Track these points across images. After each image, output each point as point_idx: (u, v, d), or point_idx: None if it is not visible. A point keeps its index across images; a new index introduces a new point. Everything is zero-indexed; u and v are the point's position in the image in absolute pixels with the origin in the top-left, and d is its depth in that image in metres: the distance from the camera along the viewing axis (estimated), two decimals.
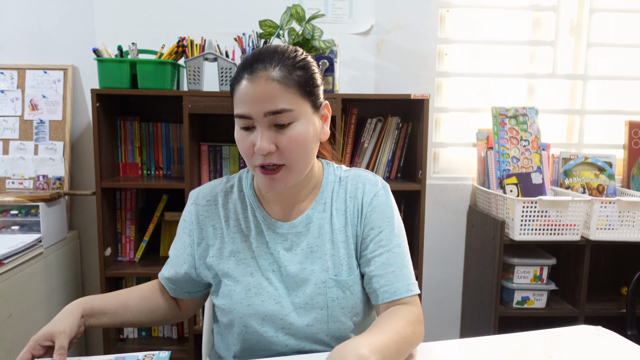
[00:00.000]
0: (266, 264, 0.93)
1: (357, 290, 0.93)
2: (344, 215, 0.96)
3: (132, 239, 1.99)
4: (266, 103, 0.82)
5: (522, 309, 1.91)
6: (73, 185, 2.07)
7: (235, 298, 0.91)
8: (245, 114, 0.84)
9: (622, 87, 2.28)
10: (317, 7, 2.03)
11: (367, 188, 0.97)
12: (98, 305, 0.93)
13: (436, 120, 2.23)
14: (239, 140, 0.87)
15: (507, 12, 2.20)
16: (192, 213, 0.98)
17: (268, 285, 0.92)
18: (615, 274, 2.20)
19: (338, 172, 1.01)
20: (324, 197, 0.97)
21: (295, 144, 0.85)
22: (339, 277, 0.92)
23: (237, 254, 0.94)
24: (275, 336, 0.91)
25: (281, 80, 0.83)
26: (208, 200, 0.98)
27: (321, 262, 0.92)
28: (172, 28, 2.01)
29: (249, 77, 0.84)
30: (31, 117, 2.00)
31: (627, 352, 0.90)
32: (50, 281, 1.85)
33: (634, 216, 1.83)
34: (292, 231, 0.95)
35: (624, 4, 2.21)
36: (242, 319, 0.91)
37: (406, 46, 2.12)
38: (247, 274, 0.93)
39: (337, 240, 0.94)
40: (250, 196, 0.98)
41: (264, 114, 0.83)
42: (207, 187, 1.01)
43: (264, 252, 0.94)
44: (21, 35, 2.01)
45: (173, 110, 1.97)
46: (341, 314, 0.91)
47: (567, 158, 2.08)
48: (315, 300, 0.91)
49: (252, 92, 0.83)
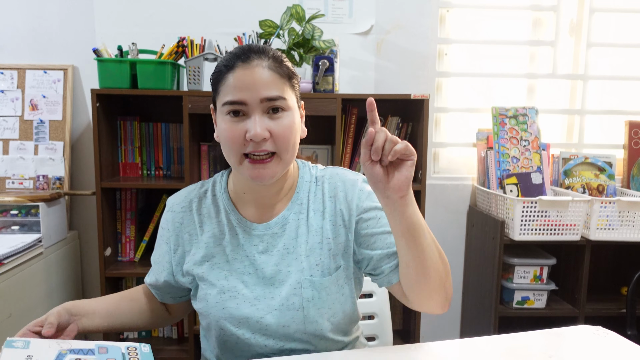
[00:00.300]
0: (241, 266, 0.93)
1: (334, 291, 0.92)
2: (321, 216, 0.94)
3: (132, 239, 1.99)
4: (262, 89, 0.84)
5: (522, 309, 1.91)
6: (73, 185, 2.07)
7: (211, 302, 0.92)
8: (240, 99, 0.84)
9: (622, 87, 2.28)
10: (317, 7, 2.03)
11: (348, 187, 0.95)
12: (84, 305, 0.93)
13: (436, 120, 2.23)
14: (226, 129, 0.86)
15: (507, 12, 2.20)
16: (168, 221, 0.98)
17: (243, 289, 0.92)
18: (615, 274, 2.19)
19: (314, 172, 1.00)
20: (299, 198, 0.96)
21: (288, 131, 0.86)
22: (314, 278, 0.91)
23: (212, 259, 0.94)
24: (253, 337, 0.91)
25: (275, 69, 0.87)
26: (183, 207, 0.98)
27: (297, 263, 0.92)
28: (172, 28, 2.01)
29: (244, 64, 0.85)
30: (31, 117, 2.00)
31: (627, 352, 0.90)
32: (50, 281, 1.85)
33: (634, 216, 1.83)
34: (268, 232, 0.94)
35: (624, 4, 2.21)
36: (219, 322, 0.91)
37: (406, 46, 2.12)
38: (221, 278, 0.92)
39: (313, 241, 0.93)
40: (224, 200, 0.97)
41: (260, 99, 0.84)
42: (182, 194, 1.00)
43: (238, 255, 0.94)
44: (21, 35, 2.01)
45: (173, 110, 1.97)
46: (317, 314, 0.90)
47: (567, 158, 2.08)
48: (290, 302, 0.90)
49: (250, 78, 0.84)
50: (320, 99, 1.78)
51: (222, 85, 0.87)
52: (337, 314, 0.93)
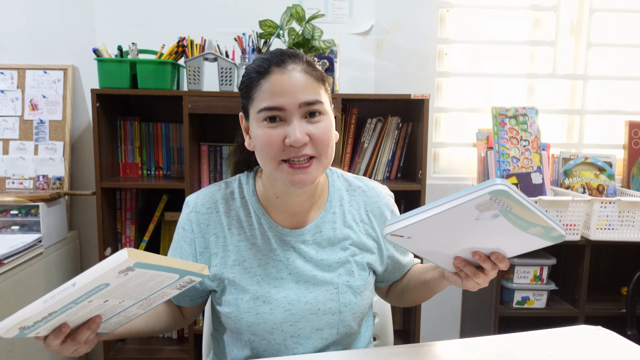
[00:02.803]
0: (274, 271, 0.92)
1: (367, 296, 0.96)
2: (356, 225, 0.97)
3: (132, 239, 1.99)
4: (300, 94, 0.83)
5: (522, 309, 1.91)
6: (73, 185, 2.07)
7: (242, 307, 0.90)
8: (278, 105, 0.82)
9: (622, 87, 2.28)
10: (317, 7, 2.03)
11: (382, 204, 1.01)
12: None
13: (436, 120, 2.23)
14: (263, 135, 0.84)
15: (507, 12, 2.20)
16: (192, 221, 0.94)
17: (277, 293, 0.91)
18: (615, 274, 2.19)
19: (346, 178, 1.01)
20: (332, 206, 0.96)
21: (327, 135, 0.85)
22: (352, 283, 0.93)
23: (243, 263, 0.92)
24: (284, 344, 0.91)
25: (310, 73, 0.85)
26: (208, 208, 0.94)
27: (332, 269, 0.93)
28: (172, 28, 2.01)
29: (280, 69, 0.83)
30: (31, 117, 2.00)
31: (627, 352, 0.90)
32: (50, 281, 1.85)
33: (634, 216, 1.83)
34: (300, 239, 0.93)
35: (624, 4, 2.21)
36: (250, 328, 0.90)
37: (406, 46, 2.12)
38: (253, 283, 0.91)
39: (347, 248, 0.95)
40: (254, 203, 0.95)
41: (299, 104, 0.83)
42: (205, 194, 0.97)
43: (271, 259, 0.92)
44: (21, 35, 2.01)
45: (173, 110, 1.97)
46: (351, 318, 0.93)
47: (567, 158, 2.08)
48: (327, 306, 0.91)
49: (288, 83, 0.83)
50: None
51: (256, 91, 0.85)
52: (363, 317, 0.99)
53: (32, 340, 1.72)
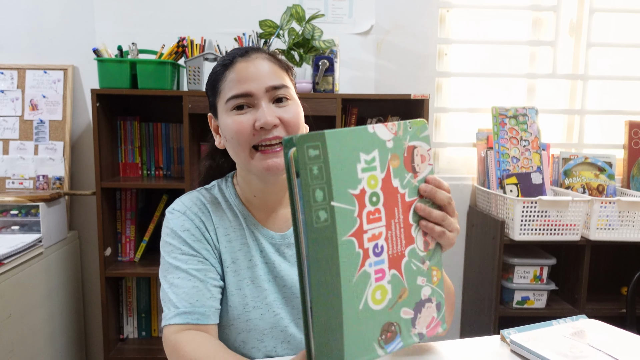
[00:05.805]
0: (262, 273, 0.90)
1: None
2: None
3: (132, 239, 1.99)
4: (266, 79, 0.85)
5: (522, 309, 1.91)
6: (73, 185, 2.07)
7: (233, 313, 0.88)
8: (245, 91, 0.84)
9: (622, 87, 2.28)
10: (317, 7, 2.03)
11: None
12: None
13: (436, 120, 2.23)
14: (232, 122, 0.84)
15: (507, 12, 2.20)
16: (191, 219, 0.90)
17: (266, 297, 0.89)
18: (615, 274, 2.19)
19: None
20: None
21: (296, 118, 0.87)
22: None
23: (232, 264, 0.91)
24: (274, 350, 0.90)
25: (274, 61, 0.89)
26: (200, 208, 0.91)
27: None
28: (172, 28, 2.01)
29: (244, 58, 0.86)
30: (31, 117, 2.00)
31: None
32: (50, 281, 1.85)
33: (634, 216, 1.83)
34: (284, 242, 0.93)
35: (624, 4, 2.21)
36: (241, 335, 0.89)
37: (406, 46, 2.12)
38: (243, 286, 0.89)
39: None
40: (238, 205, 0.93)
41: (265, 89, 0.85)
42: (189, 198, 0.93)
43: (259, 261, 0.91)
44: (21, 35, 2.01)
45: (173, 110, 1.97)
46: None
47: (567, 158, 2.08)
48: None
49: (253, 70, 0.85)
50: (320, 99, 1.78)
51: (222, 83, 0.87)
52: None
53: (32, 340, 1.72)
